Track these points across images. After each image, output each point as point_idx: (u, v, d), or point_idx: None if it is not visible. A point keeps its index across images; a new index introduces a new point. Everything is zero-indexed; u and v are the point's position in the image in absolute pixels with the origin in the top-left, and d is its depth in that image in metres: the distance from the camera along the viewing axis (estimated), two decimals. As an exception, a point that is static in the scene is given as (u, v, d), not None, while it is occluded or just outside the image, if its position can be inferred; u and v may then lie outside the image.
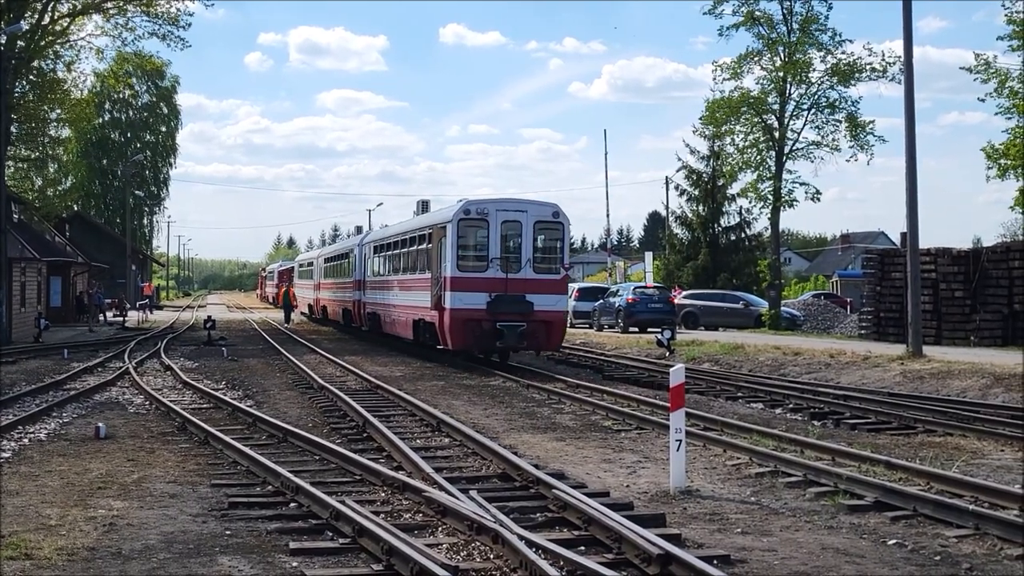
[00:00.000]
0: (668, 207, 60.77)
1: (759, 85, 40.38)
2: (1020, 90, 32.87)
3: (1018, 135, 33.19)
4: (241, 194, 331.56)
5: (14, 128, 40.98)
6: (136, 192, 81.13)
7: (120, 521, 8.71)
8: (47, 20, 39.32)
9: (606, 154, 64.38)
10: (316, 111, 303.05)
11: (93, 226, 73.90)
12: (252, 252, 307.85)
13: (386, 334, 32.04)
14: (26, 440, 13.16)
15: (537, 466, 10.72)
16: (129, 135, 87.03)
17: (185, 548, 7.87)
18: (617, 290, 42.04)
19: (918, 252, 25.38)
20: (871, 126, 39.09)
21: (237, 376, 22.41)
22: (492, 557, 7.42)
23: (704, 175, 57.90)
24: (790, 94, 39.92)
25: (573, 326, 38.80)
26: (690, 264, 57.06)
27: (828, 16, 40.33)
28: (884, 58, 38.73)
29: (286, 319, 51.03)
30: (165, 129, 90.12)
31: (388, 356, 28.30)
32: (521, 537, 7.43)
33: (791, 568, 7.42)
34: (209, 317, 37.37)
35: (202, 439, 13.07)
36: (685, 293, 45.48)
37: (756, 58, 40.25)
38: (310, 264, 55.21)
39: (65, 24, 40.71)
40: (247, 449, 11.60)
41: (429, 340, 26.07)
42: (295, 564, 7.44)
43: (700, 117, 43.49)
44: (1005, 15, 33.19)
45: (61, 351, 28.40)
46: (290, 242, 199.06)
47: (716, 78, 40.87)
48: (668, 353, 27.54)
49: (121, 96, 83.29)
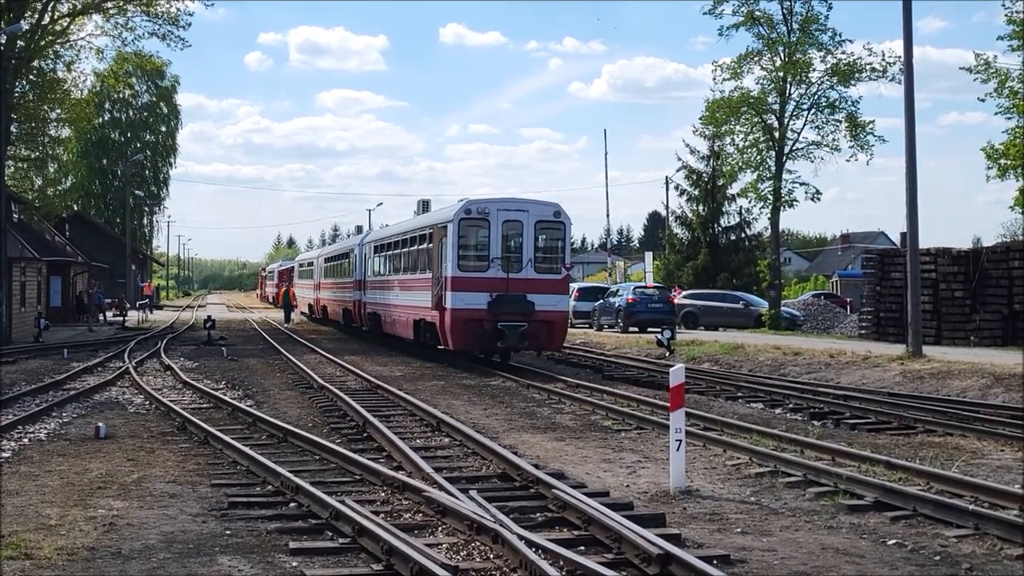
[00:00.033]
0: (668, 207, 60.87)
1: (759, 85, 40.45)
2: (1020, 90, 32.88)
3: (1018, 135, 33.20)
4: (241, 194, 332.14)
5: (14, 128, 40.98)
6: (136, 192, 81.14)
7: (120, 521, 8.71)
8: (47, 20, 39.34)
9: (606, 154, 64.44)
10: (316, 111, 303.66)
11: (93, 226, 73.91)
12: (252, 252, 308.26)
13: (387, 334, 32.00)
14: (26, 440, 13.17)
15: (537, 466, 10.72)
16: (129, 135, 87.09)
17: (185, 548, 7.87)
18: (617, 290, 42.04)
19: (918, 252, 25.39)
20: (871, 126, 39.20)
21: (237, 376, 22.41)
22: (492, 557, 7.42)
23: (704, 175, 57.89)
24: (790, 94, 39.96)
25: (573, 326, 38.74)
26: (690, 264, 57.04)
27: (828, 16, 40.47)
28: (884, 58, 38.81)
29: (286, 319, 51.03)
30: (165, 129, 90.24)
31: (388, 356, 28.30)
32: (521, 537, 7.43)
33: (791, 568, 7.42)
34: (209, 317, 37.40)
35: (202, 439, 13.08)
36: (685, 293, 45.47)
37: (756, 58, 40.29)
38: (310, 264, 55.18)
39: (65, 24, 40.73)
40: (247, 449, 11.61)
41: (430, 340, 26.01)
42: (295, 564, 7.44)
43: (700, 117, 43.57)
44: (1005, 15, 33.26)
45: (61, 351, 28.40)
46: (290, 242, 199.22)
47: (716, 78, 40.95)
48: (668, 353, 27.55)
49: (121, 96, 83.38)
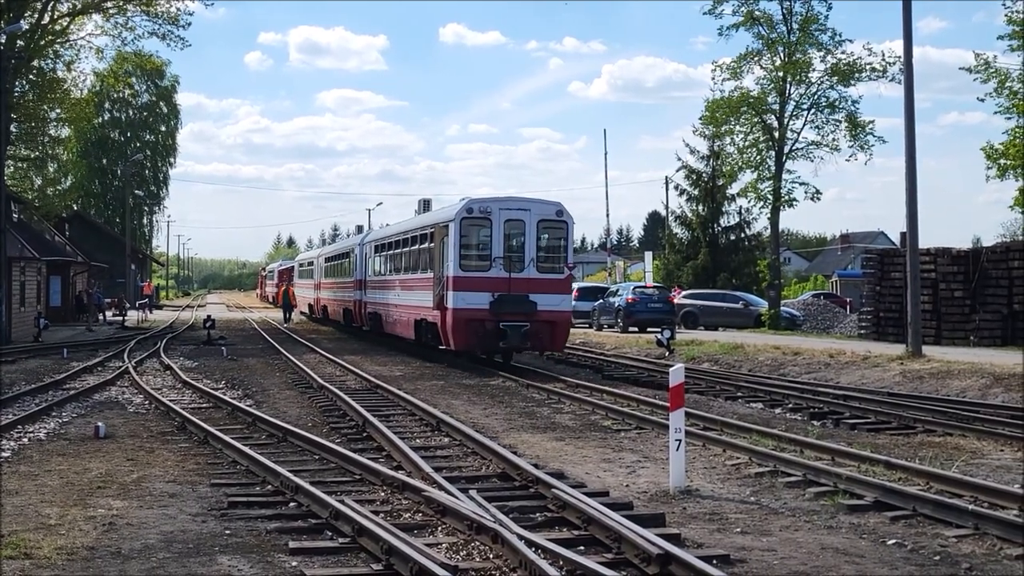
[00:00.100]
0: (668, 207, 60.80)
1: (759, 85, 40.44)
2: (1020, 90, 32.88)
3: (1018, 135, 33.18)
4: (241, 194, 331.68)
5: (14, 127, 40.98)
6: (136, 192, 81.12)
7: (120, 520, 8.71)
8: (47, 20, 39.38)
9: (606, 154, 64.49)
10: (316, 111, 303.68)
11: (93, 225, 73.93)
12: (252, 252, 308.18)
13: (387, 334, 31.94)
14: (26, 439, 13.17)
15: (537, 466, 10.72)
16: (129, 135, 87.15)
17: (185, 547, 7.87)
18: (617, 290, 42.04)
19: (918, 252, 25.39)
20: (871, 126, 39.20)
21: (236, 375, 22.41)
22: (492, 557, 7.42)
23: (704, 175, 57.83)
24: (790, 94, 39.94)
25: (573, 325, 38.71)
26: (690, 264, 56.99)
27: (828, 16, 40.42)
28: (884, 58, 38.79)
29: (286, 319, 51.03)
30: (165, 128, 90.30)
31: (388, 356, 28.29)
32: (521, 537, 7.43)
33: (790, 568, 7.42)
34: (208, 316, 37.41)
35: (201, 439, 13.08)
36: (685, 293, 45.45)
37: (756, 58, 40.27)
38: (310, 264, 55.14)
39: (65, 24, 40.78)
40: (247, 449, 11.61)
41: (431, 340, 25.89)
42: (295, 564, 7.44)
43: (700, 117, 43.53)
44: (1005, 15, 33.23)
45: (60, 350, 28.41)
46: (290, 241, 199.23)
47: (716, 78, 40.92)
48: (668, 353, 27.54)
49: (121, 96, 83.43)
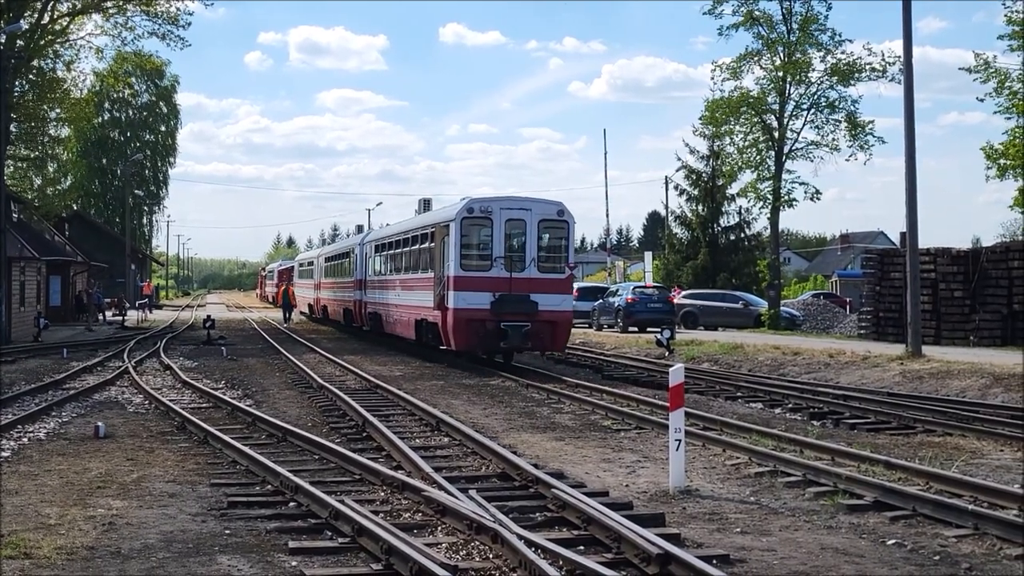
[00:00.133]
0: (668, 207, 60.79)
1: (759, 85, 40.45)
2: (1020, 90, 32.89)
3: (1018, 135, 33.20)
4: (241, 193, 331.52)
5: (14, 127, 40.96)
6: (136, 191, 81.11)
7: (119, 520, 8.71)
8: (47, 19, 39.37)
9: (605, 154, 64.56)
10: (316, 110, 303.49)
11: (92, 225, 73.93)
12: (252, 251, 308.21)
13: (388, 334, 31.92)
14: (25, 439, 13.17)
15: (536, 465, 10.72)
16: (129, 134, 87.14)
17: (184, 547, 7.87)
18: (616, 290, 42.04)
19: (917, 252, 25.39)
20: (871, 126, 39.21)
21: (236, 375, 22.41)
22: (491, 556, 7.42)
23: (704, 175, 57.81)
24: (790, 94, 39.94)
25: (573, 326, 38.69)
26: (690, 264, 56.98)
27: (828, 16, 40.43)
28: (884, 58, 38.80)
29: (285, 318, 51.03)
30: (165, 128, 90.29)
31: (387, 355, 28.29)
32: (520, 536, 7.43)
33: (790, 568, 7.42)
34: (208, 316, 37.41)
35: (201, 438, 13.08)
36: (684, 293, 45.44)
37: (756, 58, 40.28)
38: (310, 263, 55.11)
39: (65, 23, 40.78)
40: (246, 448, 11.61)
41: (432, 340, 25.83)
42: (294, 563, 7.44)
43: (700, 117, 43.50)
44: (1005, 15, 33.26)
45: (60, 350, 28.40)
46: (289, 241, 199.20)
47: (716, 78, 40.93)
48: (667, 353, 27.54)
49: (121, 95, 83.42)
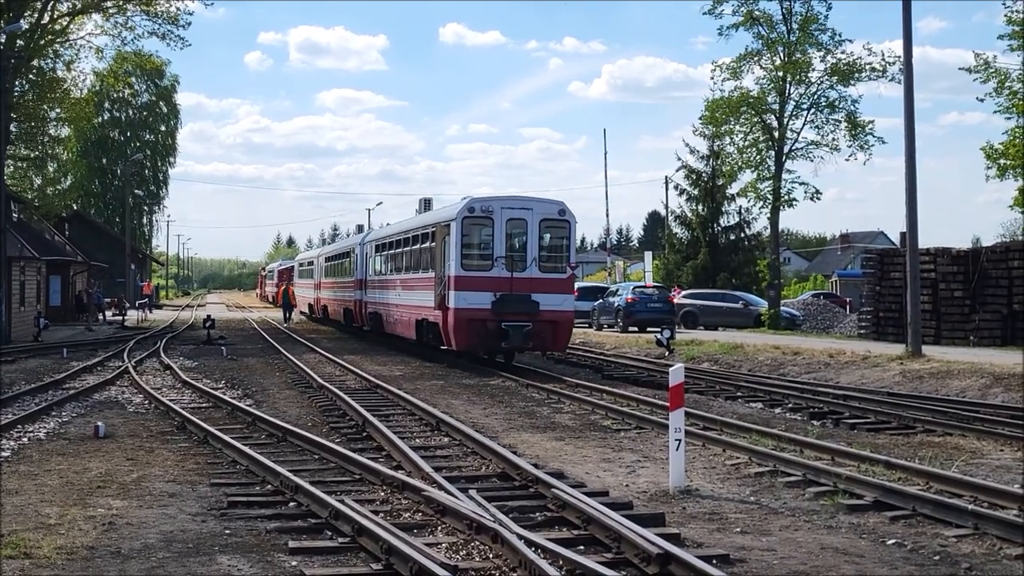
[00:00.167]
0: (668, 207, 60.79)
1: (759, 85, 40.45)
2: (1020, 90, 32.89)
3: (1018, 135, 33.21)
4: (241, 193, 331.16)
5: (14, 127, 40.96)
6: (136, 191, 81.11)
7: (119, 520, 8.71)
8: (47, 19, 39.37)
9: (605, 154, 64.61)
10: (316, 110, 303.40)
11: (92, 225, 73.94)
12: (252, 251, 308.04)
13: (388, 334, 31.89)
14: (25, 439, 13.17)
15: (536, 465, 10.72)
16: (129, 134, 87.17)
17: (184, 547, 7.87)
18: (616, 289, 42.05)
19: (917, 252, 25.39)
20: (871, 126, 39.21)
21: (236, 375, 22.40)
22: (491, 556, 7.42)
23: (704, 175, 57.80)
24: (790, 94, 39.94)
25: (574, 325, 38.71)
26: (690, 264, 56.97)
27: (828, 16, 40.47)
28: (884, 58, 38.79)
29: (286, 318, 51.01)
30: (165, 128, 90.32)
31: (387, 355, 28.28)
32: (520, 536, 7.42)
33: (790, 568, 7.42)
34: (208, 316, 37.40)
35: (201, 438, 13.08)
36: (684, 293, 45.44)
37: (756, 58, 40.28)
38: (310, 263, 55.10)
39: (65, 23, 40.78)
40: (246, 448, 11.61)
41: (432, 340, 25.75)
42: (294, 563, 7.44)
43: (700, 117, 43.51)
44: (1005, 15, 33.26)
45: (60, 350, 28.40)
46: (289, 241, 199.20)
47: (716, 78, 40.93)
48: (667, 353, 27.54)
49: (121, 95, 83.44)
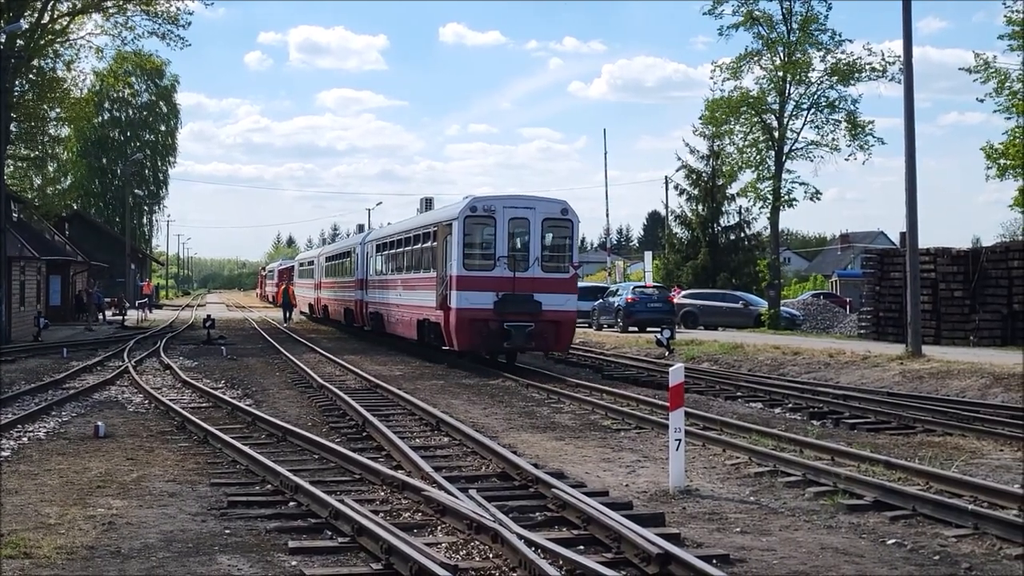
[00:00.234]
0: (668, 207, 60.79)
1: (759, 85, 40.45)
2: (1020, 90, 32.90)
3: (1018, 135, 33.23)
4: (241, 193, 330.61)
5: (14, 127, 40.95)
6: (136, 191, 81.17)
7: (119, 520, 8.71)
8: (47, 19, 39.35)
9: (605, 154, 64.68)
10: (316, 110, 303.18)
11: (92, 225, 73.96)
12: (252, 251, 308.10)
13: (389, 334, 31.85)
14: (25, 439, 13.17)
15: (536, 465, 10.72)
16: (129, 134, 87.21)
17: (184, 547, 7.87)
18: (616, 289, 42.05)
19: (917, 252, 25.39)
20: (871, 126, 39.22)
21: (236, 375, 22.40)
22: (491, 556, 7.42)
23: (704, 175, 57.78)
24: (790, 94, 39.95)
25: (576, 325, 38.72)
26: (689, 264, 56.97)
27: (828, 16, 40.51)
28: (884, 58, 38.82)
29: (286, 318, 51.01)
30: (164, 128, 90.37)
31: (387, 355, 28.28)
32: (520, 536, 7.43)
33: (790, 567, 7.42)
34: (208, 316, 37.40)
35: (201, 438, 13.08)
36: (684, 293, 45.45)
37: (756, 58, 40.28)
38: (311, 263, 55.09)
39: (65, 23, 40.76)
40: (246, 448, 11.61)
41: (434, 341, 25.63)
42: (294, 563, 7.44)
43: (700, 117, 43.54)
44: (1005, 15, 33.30)
45: (60, 350, 28.39)
46: (289, 241, 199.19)
47: (716, 78, 40.93)
48: (667, 352, 27.53)
49: (121, 95, 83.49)
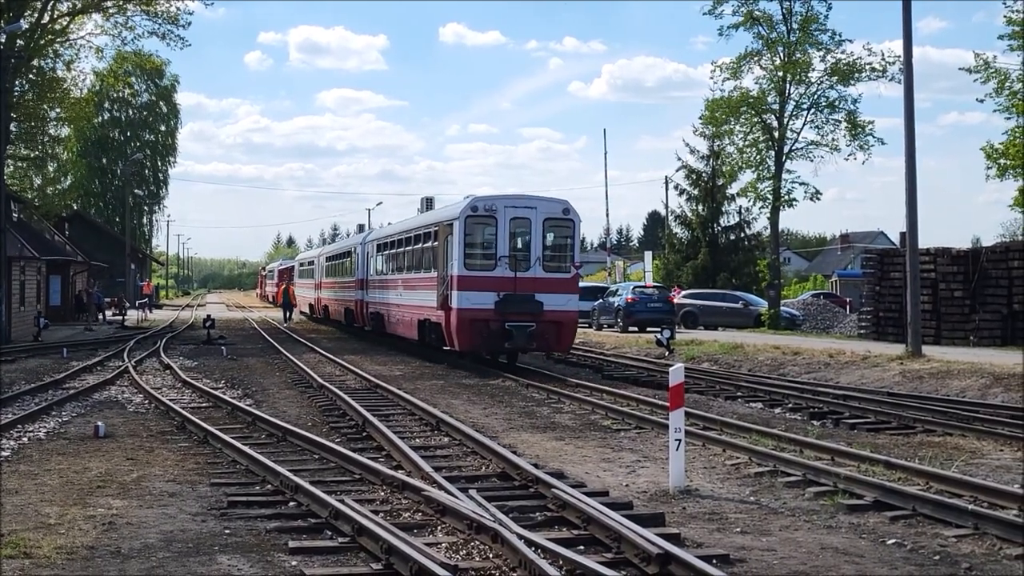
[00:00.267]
0: (668, 207, 60.78)
1: (759, 85, 40.46)
2: (1020, 90, 32.90)
3: (1018, 135, 33.23)
4: (241, 193, 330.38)
5: (14, 127, 40.95)
6: (136, 191, 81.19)
7: (119, 520, 8.71)
8: (47, 19, 39.36)
9: (605, 154, 64.67)
10: (316, 110, 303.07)
11: (92, 225, 73.97)
12: (252, 251, 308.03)
13: (389, 334, 31.81)
14: (25, 439, 13.17)
15: (536, 465, 10.72)
16: (129, 134, 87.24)
17: (184, 547, 7.87)
18: (616, 289, 42.05)
19: (917, 252, 25.39)
20: (871, 126, 39.23)
21: (236, 375, 22.40)
22: (491, 556, 7.42)
23: (704, 175, 57.78)
24: (790, 94, 39.96)
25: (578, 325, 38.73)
26: (690, 264, 56.96)
27: (828, 16, 40.57)
28: (884, 58, 38.83)
29: (286, 318, 50.99)
30: (165, 128, 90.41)
31: (388, 355, 28.28)
32: (520, 536, 7.43)
33: (790, 568, 7.42)
34: (208, 316, 37.39)
35: (201, 438, 13.08)
36: (684, 293, 45.45)
37: (756, 58, 40.28)
38: (311, 263, 55.08)
39: (65, 23, 40.77)
40: (246, 448, 11.60)
41: (435, 341, 25.54)
42: (294, 563, 7.44)
43: (700, 117, 43.52)
44: (1005, 15, 33.31)
45: (60, 350, 28.39)
46: (289, 241, 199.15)
47: (716, 78, 40.93)
48: (667, 352, 27.53)
49: (121, 95, 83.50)
